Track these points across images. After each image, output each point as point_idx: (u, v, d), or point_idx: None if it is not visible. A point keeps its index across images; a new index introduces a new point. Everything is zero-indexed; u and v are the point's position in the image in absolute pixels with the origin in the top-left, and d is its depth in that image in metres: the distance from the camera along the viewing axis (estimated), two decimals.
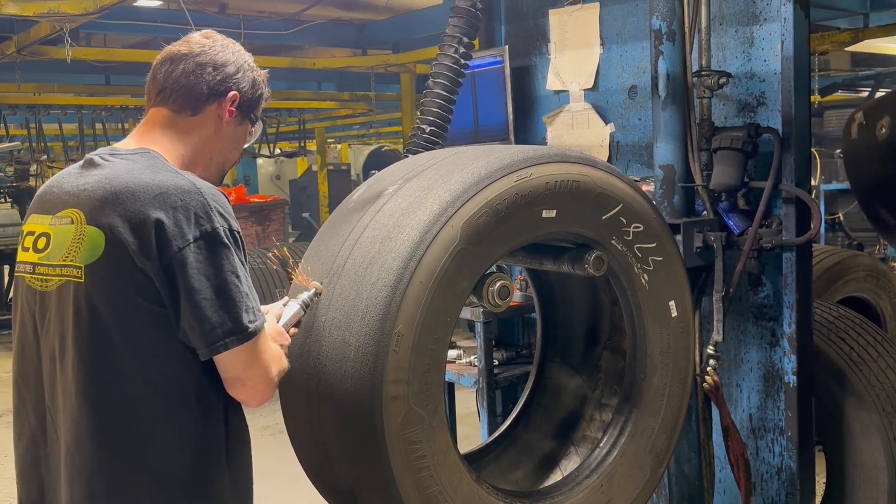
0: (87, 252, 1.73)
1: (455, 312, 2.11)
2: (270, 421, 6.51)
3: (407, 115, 11.17)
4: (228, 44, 1.98)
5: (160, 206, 1.70)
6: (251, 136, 2.07)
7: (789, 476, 3.11)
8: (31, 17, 6.49)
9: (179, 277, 1.69)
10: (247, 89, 1.97)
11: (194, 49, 1.92)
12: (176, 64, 1.91)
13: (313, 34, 8.54)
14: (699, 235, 2.85)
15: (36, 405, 1.86)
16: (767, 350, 3.13)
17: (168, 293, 1.71)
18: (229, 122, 1.96)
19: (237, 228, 1.78)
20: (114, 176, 1.77)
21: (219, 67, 1.92)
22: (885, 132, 4.41)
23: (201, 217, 1.71)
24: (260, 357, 1.78)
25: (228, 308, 1.71)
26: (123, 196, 1.73)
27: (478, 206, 2.10)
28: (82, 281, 1.74)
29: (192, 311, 1.70)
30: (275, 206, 12.02)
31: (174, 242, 1.69)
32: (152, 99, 1.94)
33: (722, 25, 3.12)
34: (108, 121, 11.37)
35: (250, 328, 1.74)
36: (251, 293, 1.77)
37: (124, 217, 1.71)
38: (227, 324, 1.71)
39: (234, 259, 1.74)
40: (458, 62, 3.40)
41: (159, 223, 1.69)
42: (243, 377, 1.78)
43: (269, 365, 1.81)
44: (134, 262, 1.69)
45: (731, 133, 2.95)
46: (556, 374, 2.94)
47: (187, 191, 1.73)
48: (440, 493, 2.10)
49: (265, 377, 1.80)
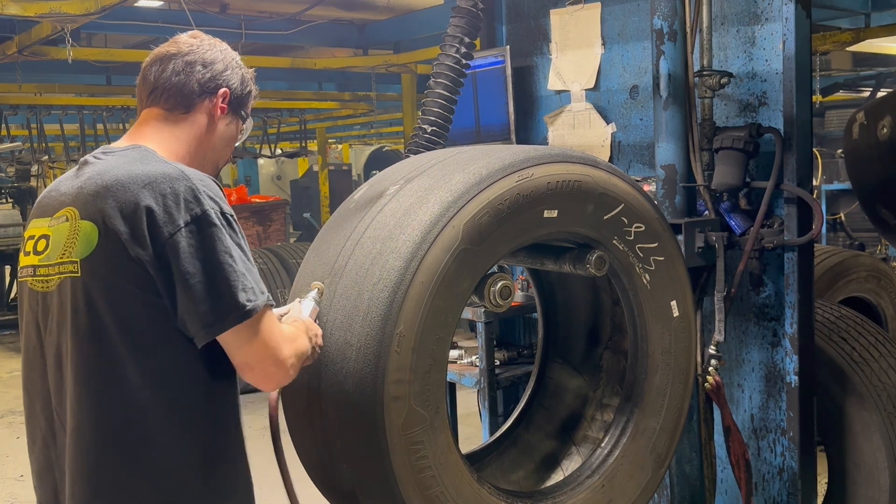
0: (81, 246, 1.75)
1: (457, 312, 2.11)
2: None
3: (408, 116, 11.17)
4: (216, 43, 2.02)
5: (149, 194, 1.71)
6: (242, 133, 2.10)
7: (791, 476, 3.10)
8: (33, 17, 6.49)
9: (173, 263, 1.69)
10: (236, 86, 2.01)
11: (182, 49, 1.96)
12: (165, 64, 1.95)
13: (314, 34, 8.53)
14: (701, 235, 2.85)
15: (44, 408, 1.86)
16: (769, 350, 3.13)
17: (163, 281, 1.71)
18: (221, 118, 2.00)
19: (229, 211, 1.78)
20: (105, 171, 1.80)
21: (208, 65, 1.96)
22: (887, 132, 4.41)
23: (190, 202, 1.72)
24: (264, 337, 1.75)
25: (223, 289, 1.70)
26: (114, 188, 1.74)
27: (479, 206, 2.10)
28: (79, 275, 1.75)
29: (187, 294, 1.69)
30: (276, 206, 12.03)
31: (165, 229, 1.69)
32: (144, 100, 1.98)
33: (723, 25, 3.12)
34: (109, 121, 11.35)
35: (248, 306, 1.71)
36: (250, 273, 1.75)
37: (115, 207, 1.72)
38: (222, 305, 1.70)
39: (227, 240, 1.73)
40: (459, 62, 3.40)
41: (149, 210, 1.70)
42: (249, 360, 1.75)
43: (277, 345, 1.77)
44: (128, 252, 1.70)
45: (733, 133, 2.95)
46: (558, 375, 2.94)
47: (175, 177, 1.74)
48: (442, 494, 2.10)
49: (273, 358, 1.76)
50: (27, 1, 6.39)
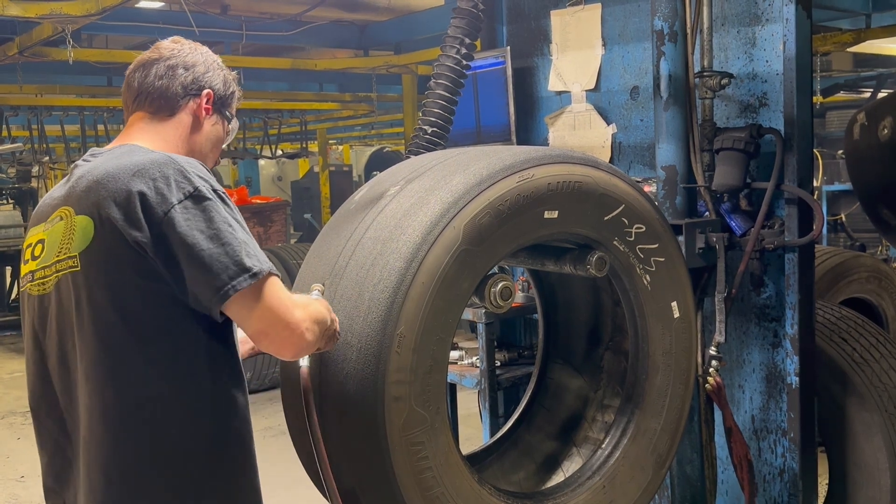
0: (79, 240, 1.76)
1: (457, 313, 2.11)
2: (272, 422, 6.51)
3: (408, 117, 11.17)
4: (197, 47, 2.06)
5: (140, 180, 1.73)
6: (228, 134, 2.13)
7: (792, 477, 3.10)
8: (34, 18, 6.50)
9: (172, 239, 1.69)
10: (219, 87, 2.05)
11: (164, 53, 2.01)
12: (148, 69, 1.99)
13: (315, 35, 8.54)
14: (701, 236, 2.85)
15: (50, 412, 1.87)
16: (770, 351, 3.13)
17: (165, 260, 1.70)
18: (207, 119, 2.03)
19: (220, 189, 1.79)
20: (94, 168, 1.82)
21: (189, 68, 2.00)
22: (887, 133, 4.41)
23: (181, 181, 1.73)
24: (273, 301, 1.72)
25: (229, 252, 1.70)
26: (104, 180, 1.76)
27: (480, 207, 2.10)
28: (78, 269, 1.76)
29: (193, 264, 1.69)
30: (276, 207, 12.04)
31: (159, 209, 1.70)
32: (129, 106, 2.02)
33: (724, 26, 3.12)
34: (109, 122, 11.35)
35: (255, 268, 1.70)
36: (250, 241, 1.76)
37: (108, 198, 1.73)
38: (230, 267, 1.69)
39: (223, 210, 1.74)
40: (459, 63, 3.40)
41: (142, 195, 1.71)
42: (262, 326, 1.73)
43: (287, 308, 1.74)
44: (125, 239, 1.70)
45: (734, 134, 2.95)
46: (558, 375, 2.94)
47: (163, 162, 1.76)
48: (442, 495, 2.10)
49: (286, 321, 1.73)
50: (28, 2, 6.40)
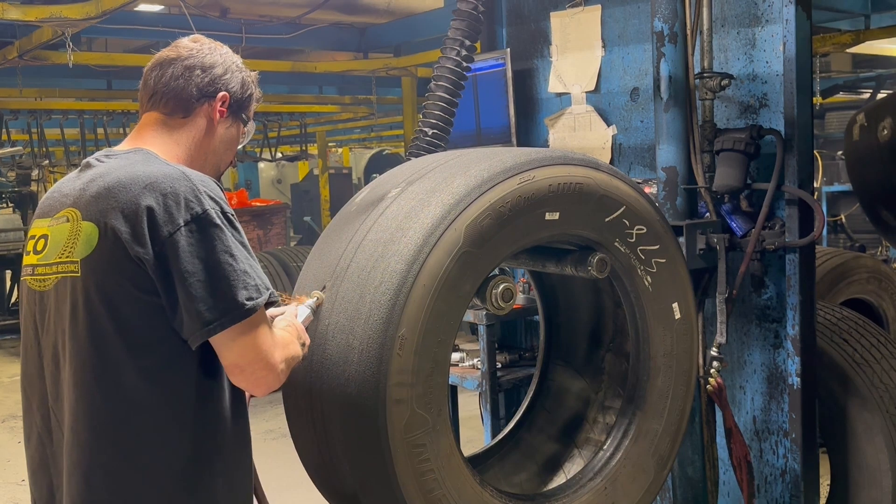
0: (82, 246, 1.76)
1: (458, 315, 2.11)
2: (273, 425, 6.51)
3: (408, 119, 11.16)
4: (216, 47, 2.02)
5: (150, 194, 1.72)
6: (244, 136, 2.10)
7: (793, 478, 3.10)
8: (33, 21, 6.50)
9: (172, 262, 1.69)
10: (236, 90, 2.01)
11: (182, 53, 1.97)
12: (165, 68, 1.96)
13: (315, 38, 8.53)
14: (702, 237, 2.85)
15: (40, 405, 1.88)
16: (771, 352, 3.13)
17: (161, 280, 1.71)
18: (221, 122, 2.01)
19: (230, 211, 1.78)
20: (107, 173, 1.81)
21: (207, 69, 1.97)
22: (887, 133, 4.42)
23: (191, 201, 1.72)
24: (257, 340, 1.74)
25: (223, 288, 1.70)
26: (116, 189, 1.75)
27: (481, 209, 2.10)
28: (78, 275, 1.76)
29: (186, 293, 1.69)
30: (276, 209, 12.04)
31: (165, 228, 1.70)
32: (144, 104, 2.00)
33: (724, 27, 3.12)
34: (109, 125, 11.35)
35: (247, 305, 1.71)
36: (252, 271, 1.75)
37: (117, 209, 1.73)
38: (220, 304, 1.70)
39: (228, 239, 1.73)
40: (459, 65, 3.40)
41: (150, 210, 1.71)
42: (240, 362, 1.74)
43: (269, 349, 1.77)
44: (127, 252, 1.70)
45: (734, 135, 2.95)
46: (560, 377, 2.94)
47: (176, 178, 1.75)
48: (444, 496, 2.10)
49: (265, 362, 1.76)
50: (28, 5, 6.40)
